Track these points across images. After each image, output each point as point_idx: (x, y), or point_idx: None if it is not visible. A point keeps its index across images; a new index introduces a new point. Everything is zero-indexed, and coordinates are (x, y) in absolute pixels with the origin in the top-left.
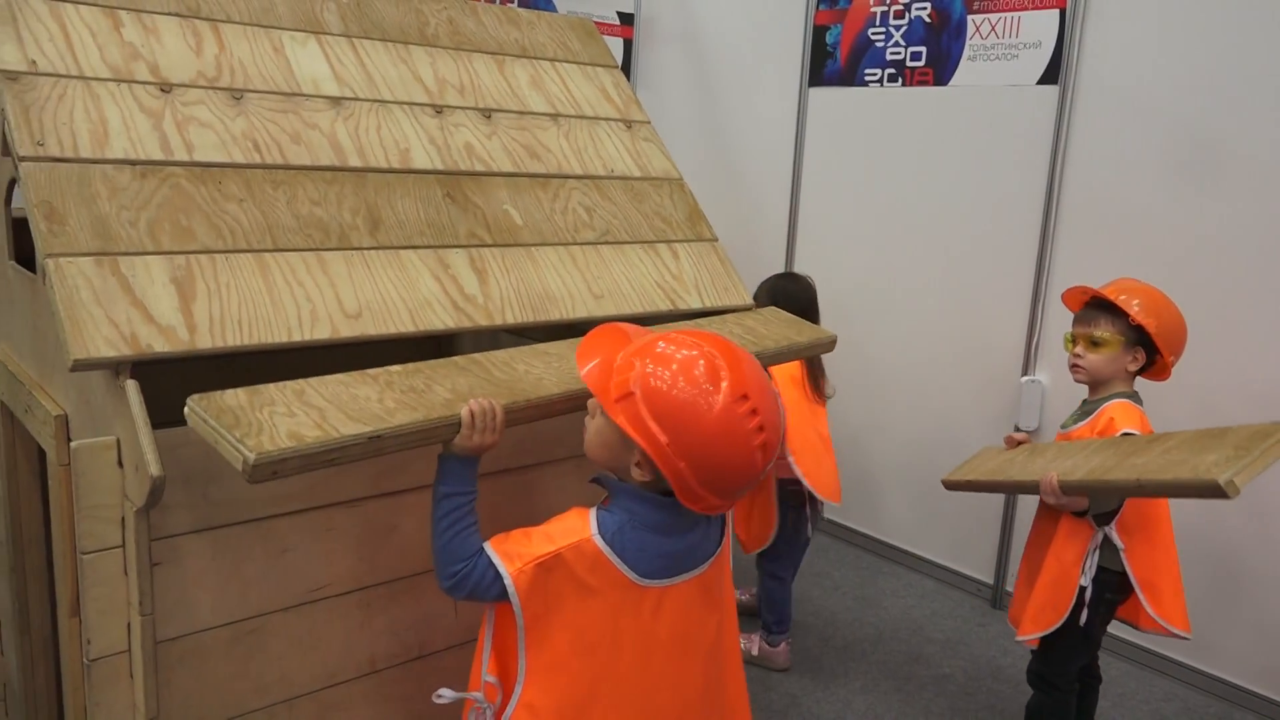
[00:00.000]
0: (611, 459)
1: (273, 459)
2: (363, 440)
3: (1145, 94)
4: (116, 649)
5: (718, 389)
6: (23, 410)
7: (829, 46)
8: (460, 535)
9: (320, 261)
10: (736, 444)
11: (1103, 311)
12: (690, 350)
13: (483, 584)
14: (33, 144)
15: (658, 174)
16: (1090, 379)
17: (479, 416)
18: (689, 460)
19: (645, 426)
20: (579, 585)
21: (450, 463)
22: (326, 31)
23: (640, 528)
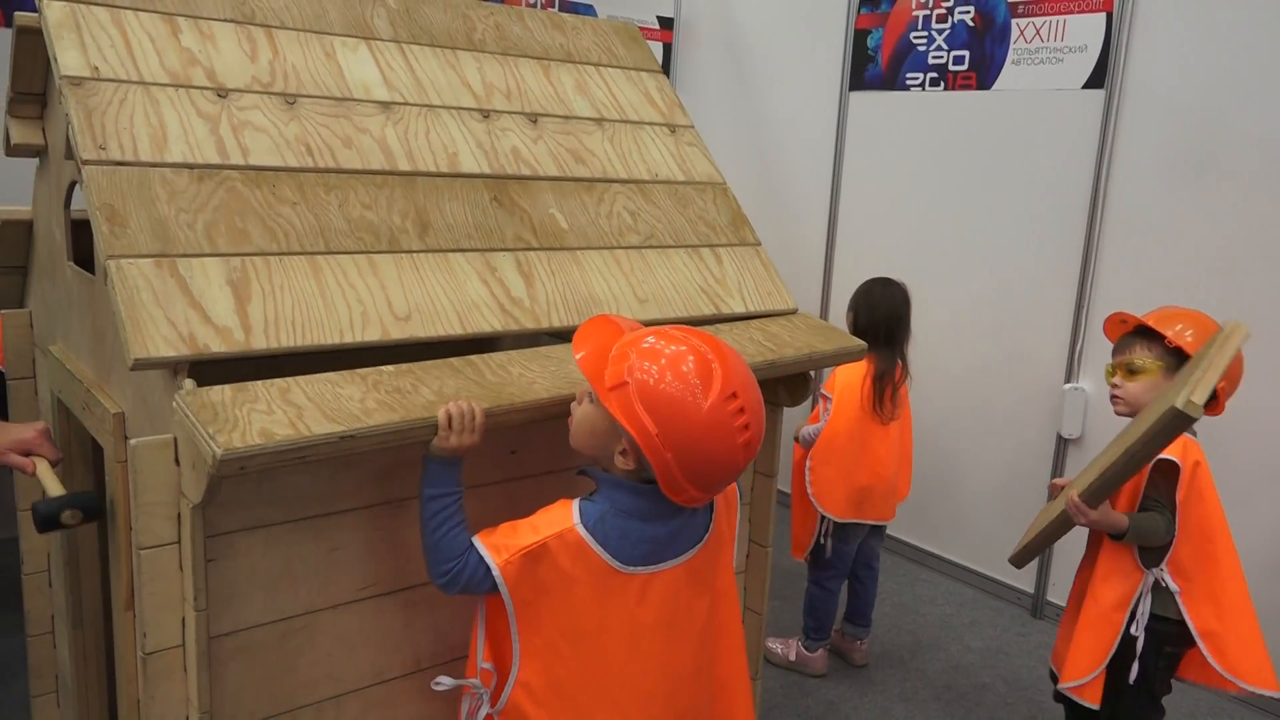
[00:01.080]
0: (596, 447)
1: (239, 455)
2: (334, 440)
3: (1193, 99)
4: (171, 643)
5: (709, 386)
6: (80, 408)
7: (870, 50)
8: (449, 534)
9: (371, 264)
10: (722, 440)
11: (1139, 338)
12: (683, 346)
13: (475, 579)
14: (95, 148)
15: (701, 178)
16: (1130, 409)
17: (456, 419)
18: (675, 451)
19: (636, 415)
20: (564, 573)
21: (431, 465)
22: (377, 37)
23: (622, 515)
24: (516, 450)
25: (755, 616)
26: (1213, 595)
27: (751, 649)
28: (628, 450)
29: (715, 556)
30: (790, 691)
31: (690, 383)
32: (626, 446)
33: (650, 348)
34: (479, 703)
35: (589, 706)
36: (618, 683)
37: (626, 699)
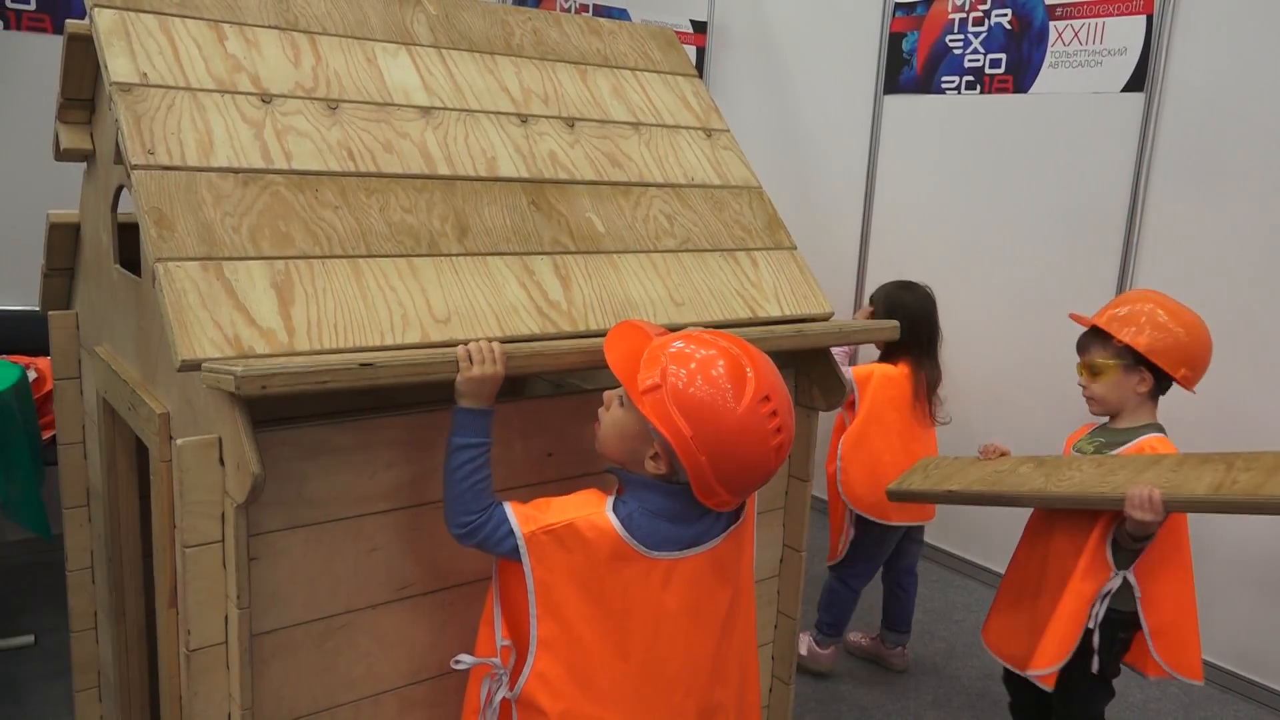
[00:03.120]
0: (626, 451)
1: (259, 374)
2: (354, 367)
3: (1234, 102)
4: (214, 640)
5: (742, 388)
6: (125, 408)
7: (905, 53)
8: (475, 486)
9: (411, 267)
10: (756, 443)
11: (1094, 337)
12: (714, 350)
13: (495, 536)
14: (144, 152)
15: (737, 182)
16: (1101, 409)
17: (475, 352)
18: (709, 454)
19: (670, 418)
20: (589, 556)
21: (461, 413)
22: (417, 43)
23: (650, 515)
24: (553, 453)
25: (789, 621)
26: (1170, 597)
27: (786, 653)
28: (660, 454)
29: (739, 547)
30: (822, 696)
31: (724, 385)
32: (658, 450)
33: (682, 351)
34: (499, 684)
35: (608, 693)
36: (639, 669)
37: (648, 686)
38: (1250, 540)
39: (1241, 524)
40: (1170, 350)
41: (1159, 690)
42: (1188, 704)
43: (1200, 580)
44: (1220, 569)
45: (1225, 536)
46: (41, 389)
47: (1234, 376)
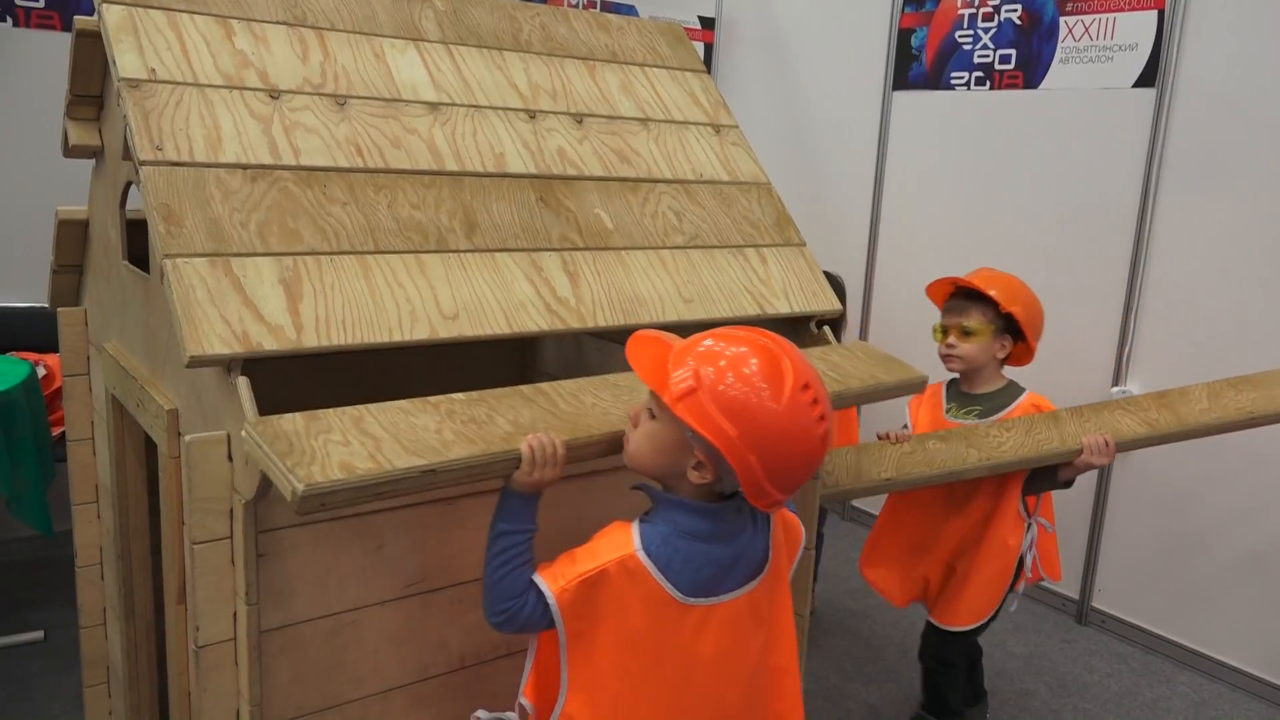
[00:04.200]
0: (665, 464)
1: (321, 491)
2: (415, 474)
3: (1247, 98)
4: (223, 637)
5: (781, 380)
6: (134, 404)
7: (914, 49)
8: (514, 572)
9: (419, 263)
10: (802, 434)
11: (972, 301)
12: (744, 345)
13: (533, 617)
14: (152, 148)
15: (746, 178)
16: (965, 367)
17: (538, 451)
18: (758, 452)
19: (713, 421)
20: (621, 602)
21: (511, 499)
22: (425, 39)
23: (684, 536)
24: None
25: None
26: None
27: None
28: (704, 462)
29: (774, 589)
30: (829, 694)
31: (762, 378)
32: (702, 458)
33: (712, 349)
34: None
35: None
36: (668, 717)
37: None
38: (1261, 538)
39: (1253, 523)
40: (1032, 321)
41: (1169, 689)
42: (1198, 703)
43: (1211, 579)
44: (1230, 567)
45: (1234, 534)
46: (50, 385)
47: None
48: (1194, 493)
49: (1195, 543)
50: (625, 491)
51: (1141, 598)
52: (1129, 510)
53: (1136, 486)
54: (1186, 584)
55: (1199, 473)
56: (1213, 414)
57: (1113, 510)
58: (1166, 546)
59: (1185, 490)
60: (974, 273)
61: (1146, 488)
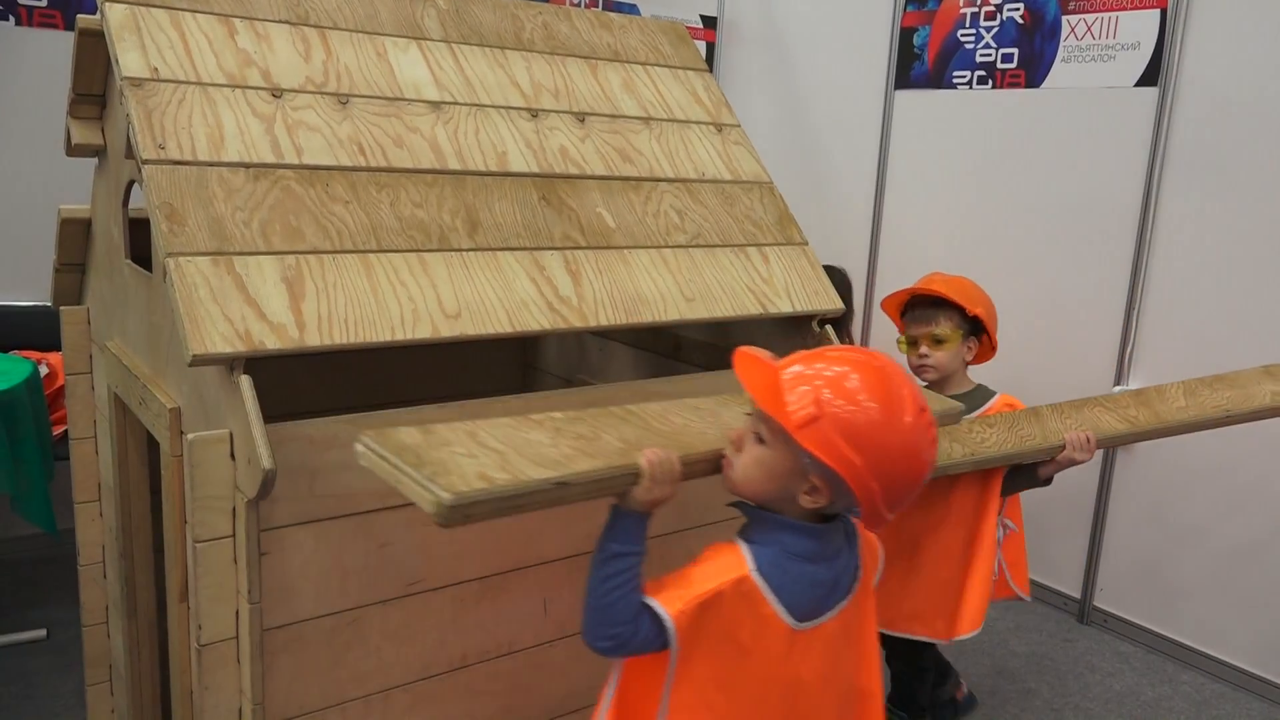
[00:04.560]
0: (776, 489)
1: (467, 501)
2: (549, 487)
3: (1250, 97)
4: (226, 635)
5: (903, 404)
6: (136, 403)
7: (916, 48)
8: (626, 596)
9: (421, 262)
10: (920, 458)
11: (936, 309)
12: (861, 369)
13: (645, 642)
14: (155, 147)
15: (748, 177)
16: (939, 376)
17: (657, 467)
18: (881, 479)
19: (837, 449)
20: (731, 624)
21: (624, 518)
22: (427, 37)
23: (793, 558)
24: None
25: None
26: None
27: None
28: (818, 487)
29: (861, 606)
30: None
31: (886, 405)
32: (818, 484)
33: (829, 374)
34: None
35: None
36: None
37: None
38: (1263, 538)
39: (1255, 522)
40: (993, 318)
41: (1170, 689)
42: (1199, 702)
43: (1213, 578)
44: (1232, 567)
45: (1236, 534)
46: (53, 384)
47: None
48: (1195, 492)
49: (1197, 542)
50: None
51: (1143, 597)
52: (1130, 509)
53: (1138, 486)
54: (1188, 583)
55: (1200, 472)
56: (1190, 412)
57: (1114, 509)
58: (1168, 545)
59: (1186, 490)
60: (928, 279)
61: (1148, 487)
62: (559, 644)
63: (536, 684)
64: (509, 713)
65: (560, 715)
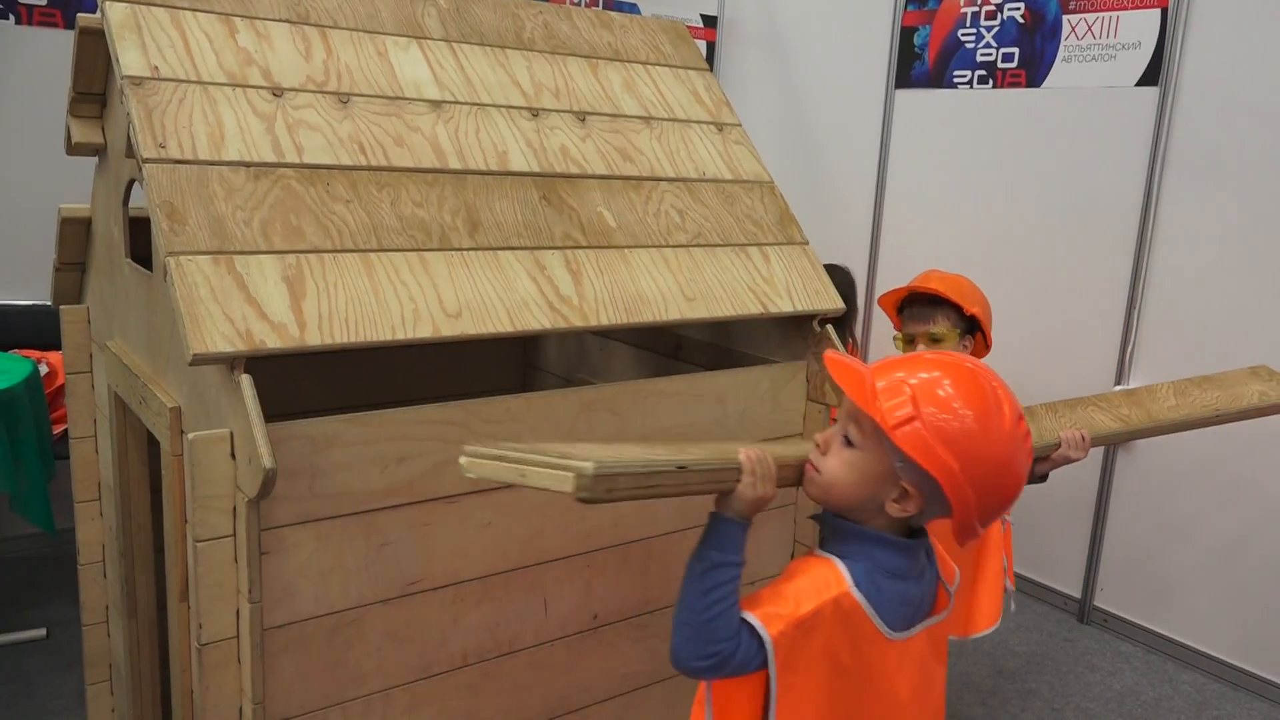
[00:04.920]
0: (865, 495)
1: (610, 470)
2: (672, 469)
3: (1250, 97)
4: (226, 634)
5: (1000, 410)
6: (137, 402)
7: (917, 48)
8: (729, 611)
9: (422, 261)
10: (1017, 467)
11: (934, 307)
12: (958, 374)
13: (745, 661)
14: (155, 146)
15: (749, 177)
16: None
17: (755, 463)
18: (977, 487)
19: (934, 452)
20: (831, 643)
21: (725, 524)
22: (428, 36)
23: (885, 574)
24: None
25: None
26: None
27: None
28: (910, 493)
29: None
30: None
31: (984, 410)
32: (909, 489)
33: (926, 378)
34: None
35: None
36: None
37: None
38: (1264, 538)
39: (1256, 522)
40: (990, 317)
41: (1171, 688)
42: (1200, 702)
43: (1213, 578)
44: (1233, 567)
45: (1237, 534)
46: (53, 383)
47: None
48: (1195, 492)
49: (1197, 541)
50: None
51: (1144, 597)
52: (1131, 509)
53: (1138, 485)
54: (1189, 583)
55: (1199, 472)
56: (1180, 411)
57: (1115, 509)
58: (1169, 545)
59: (1186, 489)
60: (925, 276)
61: (1148, 486)
62: (559, 644)
63: (537, 684)
64: (509, 713)
65: (560, 715)
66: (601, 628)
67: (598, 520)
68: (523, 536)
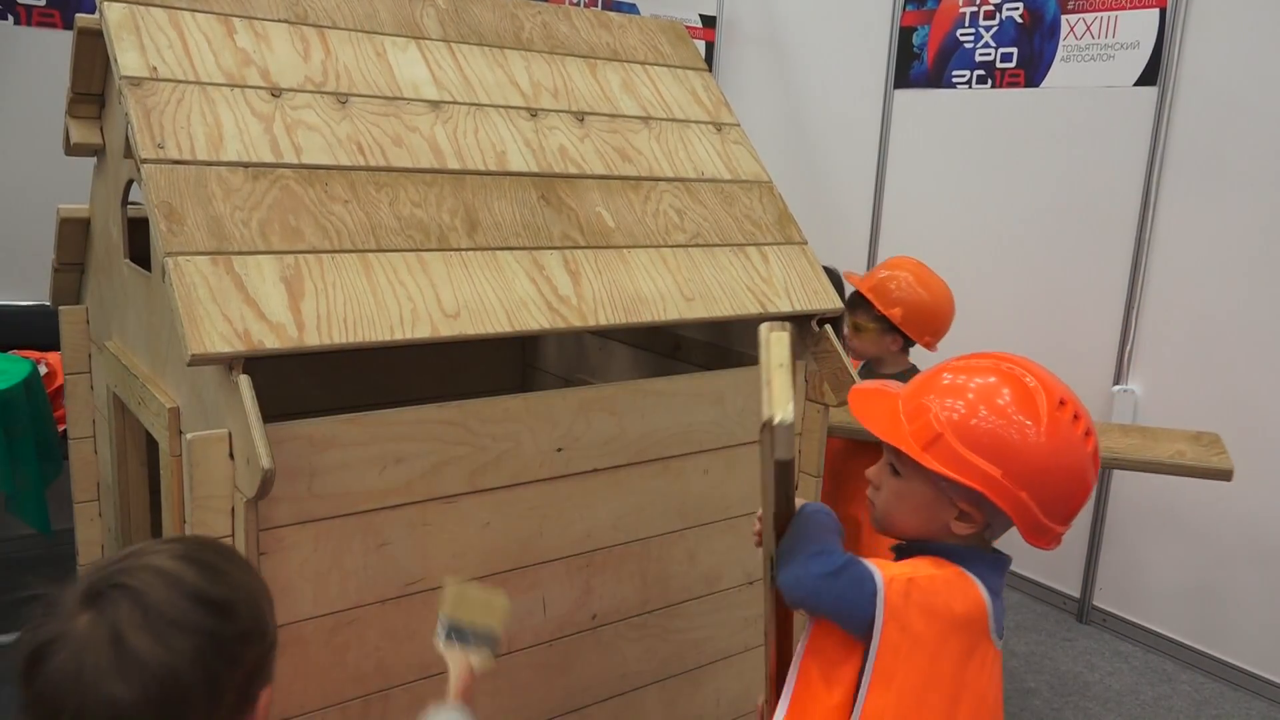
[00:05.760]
0: (923, 522)
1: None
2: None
3: (1249, 96)
4: None
5: (1033, 401)
6: (136, 403)
7: (915, 48)
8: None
9: (421, 262)
10: (1071, 455)
11: (861, 299)
12: (983, 372)
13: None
14: (154, 147)
15: (747, 176)
16: (859, 357)
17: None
18: (1029, 487)
19: (969, 464)
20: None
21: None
22: (426, 37)
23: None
24: (563, 449)
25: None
26: None
27: None
28: (969, 511)
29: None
30: None
31: (1014, 406)
32: (966, 507)
33: (948, 387)
34: None
35: None
36: None
37: None
38: (1264, 536)
39: (1256, 520)
40: (919, 321)
41: (1170, 688)
42: (1199, 701)
43: (1213, 577)
44: (1232, 566)
45: (1237, 533)
46: (52, 384)
47: (1246, 373)
48: (1196, 491)
49: (1197, 541)
50: (624, 493)
51: (1143, 596)
52: (1130, 509)
53: (1137, 485)
54: (1188, 582)
55: None
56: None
57: (1114, 509)
58: (1168, 544)
59: (1185, 489)
60: (881, 264)
61: (1147, 486)
62: (558, 643)
63: (536, 683)
64: (508, 712)
65: (560, 715)
66: (600, 628)
67: (596, 520)
68: (521, 536)
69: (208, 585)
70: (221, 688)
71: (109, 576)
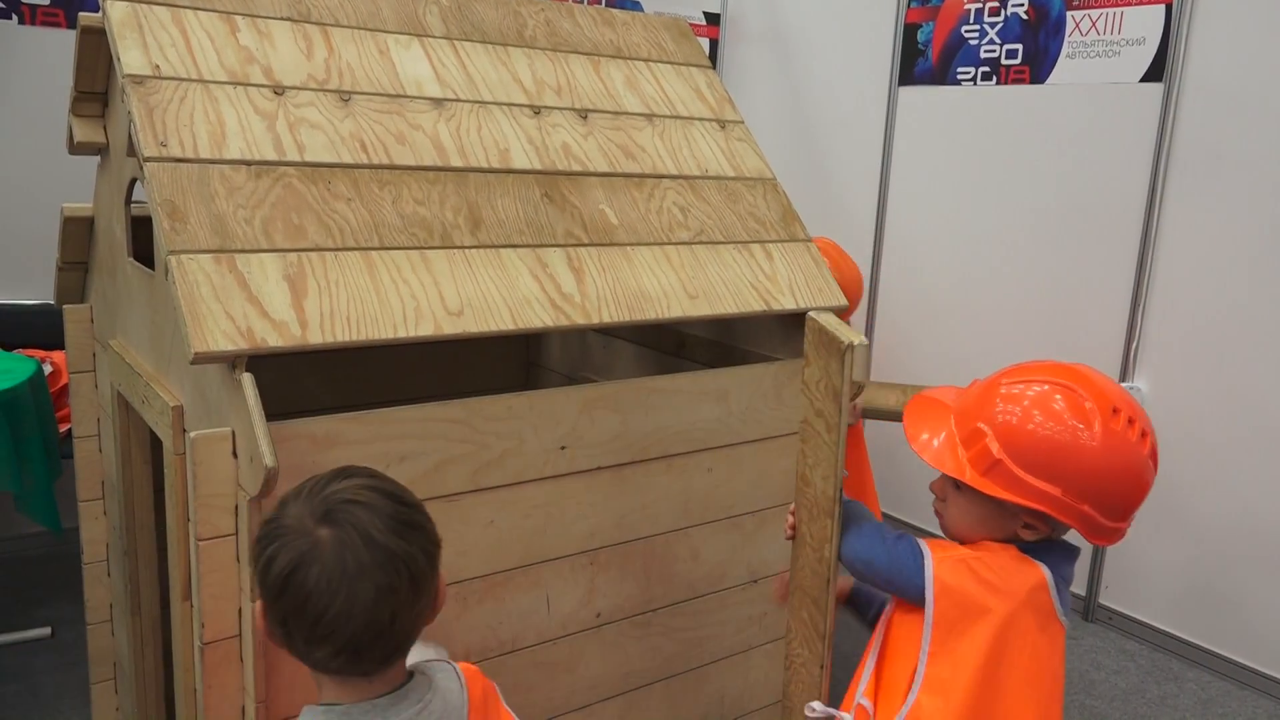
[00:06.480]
0: (994, 531)
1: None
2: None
3: (1255, 93)
4: (229, 633)
5: (1087, 414)
6: (139, 401)
7: (920, 44)
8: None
9: (424, 260)
10: (1128, 463)
11: None
12: (1038, 386)
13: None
14: (157, 145)
15: (751, 174)
16: None
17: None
18: (1091, 500)
19: (1030, 486)
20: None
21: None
22: (429, 34)
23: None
24: (567, 446)
25: None
26: None
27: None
28: (1033, 524)
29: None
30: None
31: (1066, 421)
32: (1030, 520)
33: (1002, 408)
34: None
35: None
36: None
37: None
38: (1270, 535)
39: (1261, 519)
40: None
41: (1176, 686)
42: (1206, 700)
43: (1219, 576)
44: (1239, 564)
45: (1242, 531)
46: (57, 383)
47: (1252, 371)
48: (1201, 488)
49: (1203, 539)
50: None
51: (1149, 594)
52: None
53: None
54: (1194, 580)
55: (1205, 468)
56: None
57: None
58: (1174, 543)
59: (1192, 486)
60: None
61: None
62: (562, 642)
63: (539, 682)
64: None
65: (563, 713)
66: (604, 626)
67: (600, 519)
68: (525, 535)
69: (405, 497)
70: (435, 566)
71: (331, 501)
